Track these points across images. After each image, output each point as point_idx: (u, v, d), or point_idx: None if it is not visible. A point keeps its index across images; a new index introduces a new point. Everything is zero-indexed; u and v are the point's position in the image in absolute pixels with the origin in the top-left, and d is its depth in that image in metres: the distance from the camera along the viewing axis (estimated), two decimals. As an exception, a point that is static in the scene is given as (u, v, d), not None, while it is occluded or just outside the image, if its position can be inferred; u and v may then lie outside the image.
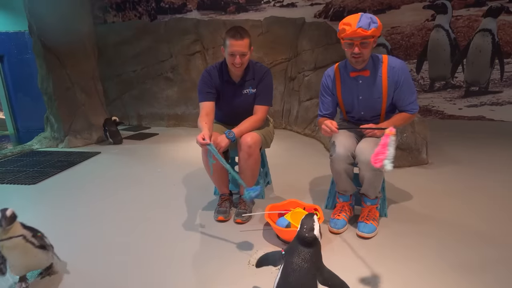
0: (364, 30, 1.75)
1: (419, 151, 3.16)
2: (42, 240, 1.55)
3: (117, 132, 4.28)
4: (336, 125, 1.88)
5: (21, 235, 1.45)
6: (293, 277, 1.27)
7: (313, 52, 4.60)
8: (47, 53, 3.96)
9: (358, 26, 1.75)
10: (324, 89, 2.13)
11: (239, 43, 2.00)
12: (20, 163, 3.51)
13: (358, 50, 1.81)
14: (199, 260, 1.76)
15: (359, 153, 1.86)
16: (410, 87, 1.95)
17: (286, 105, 4.94)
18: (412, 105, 1.98)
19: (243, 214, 2.14)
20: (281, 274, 1.31)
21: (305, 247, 1.31)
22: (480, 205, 2.32)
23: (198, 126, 2.02)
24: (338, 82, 2.06)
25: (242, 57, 2.03)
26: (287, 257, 1.33)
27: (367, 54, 1.86)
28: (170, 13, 5.92)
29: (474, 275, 1.58)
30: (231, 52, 2.02)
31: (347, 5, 5.20)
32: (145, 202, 2.52)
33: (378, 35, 1.84)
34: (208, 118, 2.06)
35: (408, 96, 1.96)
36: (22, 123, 5.67)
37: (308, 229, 1.32)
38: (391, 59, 1.95)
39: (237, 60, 2.02)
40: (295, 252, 1.31)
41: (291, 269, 1.28)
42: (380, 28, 1.82)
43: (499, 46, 4.76)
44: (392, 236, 1.94)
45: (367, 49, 1.83)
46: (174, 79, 5.30)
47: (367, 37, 1.78)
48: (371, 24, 1.76)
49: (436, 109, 5.23)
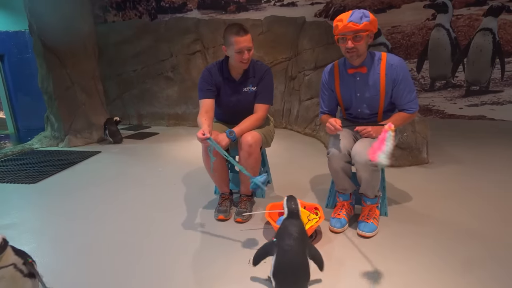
0: (355, 24, 1.77)
1: (419, 151, 3.16)
2: (32, 267, 1.41)
3: (117, 132, 4.28)
4: (340, 123, 1.89)
5: (12, 264, 1.32)
6: (287, 256, 1.40)
7: (313, 51, 4.60)
8: (47, 52, 3.96)
9: (349, 21, 1.78)
10: (323, 86, 2.14)
11: (245, 39, 2.02)
12: (20, 162, 3.51)
13: (351, 44, 1.82)
14: (199, 259, 1.76)
15: (355, 154, 1.86)
16: (408, 85, 1.94)
17: (286, 104, 4.94)
18: (411, 104, 1.96)
19: (244, 213, 2.14)
20: (276, 257, 1.43)
21: (295, 219, 1.51)
22: (480, 205, 2.31)
23: (198, 123, 2.02)
24: (337, 79, 2.06)
25: (249, 52, 2.05)
26: (279, 241, 1.45)
27: (361, 48, 1.86)
28: (170, 12, 5.92)
29: (474, 276, 1.58)
30: (238, 49, 2.02)
31: (347, 4, 5.20)
32: (146, 201, 2.52)
33: (372, 29, 1.83)
34: (208, 115, 2.06)
35: (407, 94, 1.94)
36: (23, 122, 5.67)
37: (295, 204, 1.55)
38: (390, 56, 1.94)
39: (245, 55, 2.03)
40: (286, 233, 1.46)
41: (284, 250, 1.41)
42: (374, 22, 1.81)
43: (500, 45, 4.76)
44: (392, 236, 1.93)
45: (361, 43, 1.83)
46: (175, 79, 5.30)
47: (359, 31, 1.79)
48: (362, 18, 1.77)
49: (436, 109, 5.22)
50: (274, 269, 1.42)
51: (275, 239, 1.48)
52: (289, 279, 1.41)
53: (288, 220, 1.52)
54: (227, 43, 2.07)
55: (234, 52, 2.04)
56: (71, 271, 1.69)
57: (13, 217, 2.30)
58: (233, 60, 2.11)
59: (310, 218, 1.94)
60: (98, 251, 1.86)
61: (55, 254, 1.84)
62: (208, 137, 1.80)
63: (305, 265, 1.43)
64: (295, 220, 1.51)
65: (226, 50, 2.10)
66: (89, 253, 1.84)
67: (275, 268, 1.42)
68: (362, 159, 1.80)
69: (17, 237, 2.02)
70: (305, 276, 1.43)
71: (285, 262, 1.39)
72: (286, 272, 1.40)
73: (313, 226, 1.85)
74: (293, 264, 1.40)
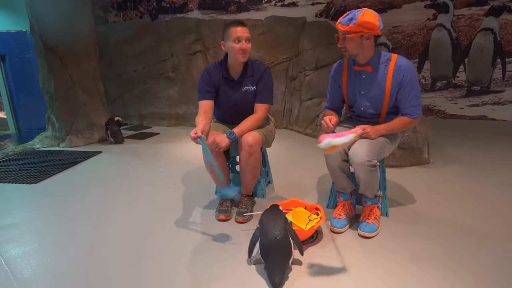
0: (342, 26, 1.85)
1: (420, 151, 3.16)
2: None
3: (118, 132, 4.29)
4: (334, 122, 1.94)
5: None
6: (270, 232, 1.58)
7: (314, 51, 4.60)
8: (49, 52, 3.96)
9: (338, 22, 1.87)
10: (331, 81, 2.16)
11: (243, 29, 2.05)
12: (21, 163, 3.52)
13: (340, 45, 1.91)
14: (200, 259, 1.76)
15: (352, 155, 1.86)
16: (414, 89, 1.91)
17: (287, 104, 4.94)
18: (414, 109, 1.93)
19: (244, 213, 2.14)
20: (261, 236, 1.61)
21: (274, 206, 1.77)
22: (481, 206, 2.31)
23: (195, 124, 2.03)
24: (345, 75, 2.07)
25: (248, 42, 2.06)
26: (261, 225, 1.65)
27: (352, 49, 1.89)
28: (171, 12, 5.93)
29: (474, 277, 1.58)
30: (237, 37, 2.03)
31: (348, 4, 5.20)
32: (146, 201, 2.52)
33: (364, 31, 1.81)
34: (206, 116, 2.07)
35: (411, 99, 1.92)
36: (24, 122, 5.68)
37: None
38: (400, 58, 1.93)
39: (244, 45, 2.04)
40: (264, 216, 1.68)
41: (267, 228, 1.60)
42: (367, 24, 1.78)
43: (501, 45, 4.75)
44: (393, 237, 1.93)
45: (349, 44, 1.87)
46: (175, 79, 5.30)
47: (346, 33, 1.84)
48: (351, 20, 1.81)
49: (437, 109, 5.22)
50: (259, 249, 1.61)
51: (258, 225, 1.68)
52: (271, 256, 1.57)
53: (268, 209, 1.75)
54: (225, 36, 2.08)
55: (232, 42, 2.04)
56: (72, 272, 1.69)
57: (14, 217, 2.30)
58: (231, 55, 2.11)
59: (311, 218, 1.94)
60: (99, 251, 1.86)
61: (56, 254, 1.84)
62: (199, 135, 1.82)
63: (286, 241, 1.58)
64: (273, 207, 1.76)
65: (225, 45, 2.10)
66: (90, 253, 1.84)
67: (260, 248, 1.61)
68: (359, 160, 1.81)
69: (18, 237, 2.03)
70: (286, 252, 1.59)
71: (269, 238, 1.57)
72: (268, 250, 1.57)
73: (314, 227, 1.84)
74: (274, 242, 1.56)
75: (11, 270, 1.69)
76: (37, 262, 1.76)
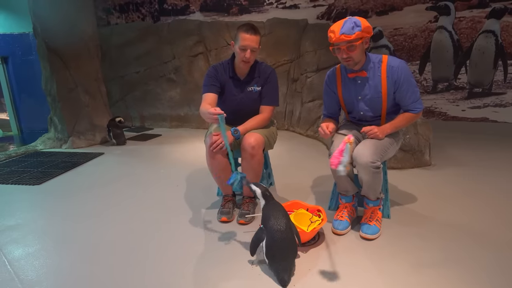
0: (347, 36, 1.77)
1: (422, 153, 3.16)
2: None
3: (120, 133, 4.30)
4: (331, 128, 1.95)
5: None
6: (276, 236, 1.56)
7: (315, 53, 4.61)
8: (51, 54, 3.99)
9: (341, 33, 1.78)
10: (326, 89, 2.15)
11: (251, 38, 2.05)
12: (24, 164, 3.53)
13: (345, 55, 1.84)
14: (202, 261, 1.77)
15: (356, 156, 1.86)
16: (411, 86, 1.93)
17: (288, 106, 4.95)
18: (415, 104, 1.96)
19: (246, 215, 2.15)
20: (267, 237, 1.59)
21: (272, 201, 1.71)
22: (483, 208, 2.31)
23: (201, 112, 1.98)
24: (339, 82, 2.07)
25: (252, 52, 2.07)
26: (265, 224, 1.63)
27: (357, 57, 1.86)
28: (173, 14, 5.95)
29: (476, 278, 1.58)
30: (242, 46, 2.05)
31: (349, 6, 5.20)
32: (148, 202, 2.53)
33: (366, 35, 1.83)
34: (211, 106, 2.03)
35: (410, 95, 1.94)
36: (26, 124, 5.70)
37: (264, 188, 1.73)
38: (390, 58, 1.95)
39: (247, 54, 2.05)
40: (269, 216, 1.63)
41: (274, 229, 1.58)
42: (367, 29, 1.80)
43: (503, 48, 4.75)
44: (394, 238, 1.93)
45: (355, 52, 1.83)
46: (177, 81, 5.32)
47: (352, 41, 1.79)
48: (354, 28, 1.77)
49: (439, 111, 5.22)
50: (266, 249, 1.60)
51: (262, 225, 1.66)
52: (279, 255, 1.57)
53: (267, 205, 1.71)
54: (235, 38, 2.10)
55: (238, 48, 2.07)
56: (76, 272, 1.70)
57: (17, 218, 2.31)
58: (237, 57, 2.14)
59: (313, 220, 1.95)
60: (102, 252, 1.87)
61: (59, 255, 1.85)
62: (222, 113, 1.77)
63: (292, 240, 1.60)
64: (271, 202, 1.71)
65: (233, 46, 2.13)
66: (94, 254, 1.85)
67: (266, 248, 1.59)
68: (363, 161, 1.81)
69: (22, 238, 2.04)
70: (292, 250, 1.61)
71: (274, 241, 1.57)
72: (276, 249, 1.57)
73: (316, 228, 1.85)
74: (281, 241, 1.57)
75: (15, 271, 1.70)
76: (41, 263, 1.77)
